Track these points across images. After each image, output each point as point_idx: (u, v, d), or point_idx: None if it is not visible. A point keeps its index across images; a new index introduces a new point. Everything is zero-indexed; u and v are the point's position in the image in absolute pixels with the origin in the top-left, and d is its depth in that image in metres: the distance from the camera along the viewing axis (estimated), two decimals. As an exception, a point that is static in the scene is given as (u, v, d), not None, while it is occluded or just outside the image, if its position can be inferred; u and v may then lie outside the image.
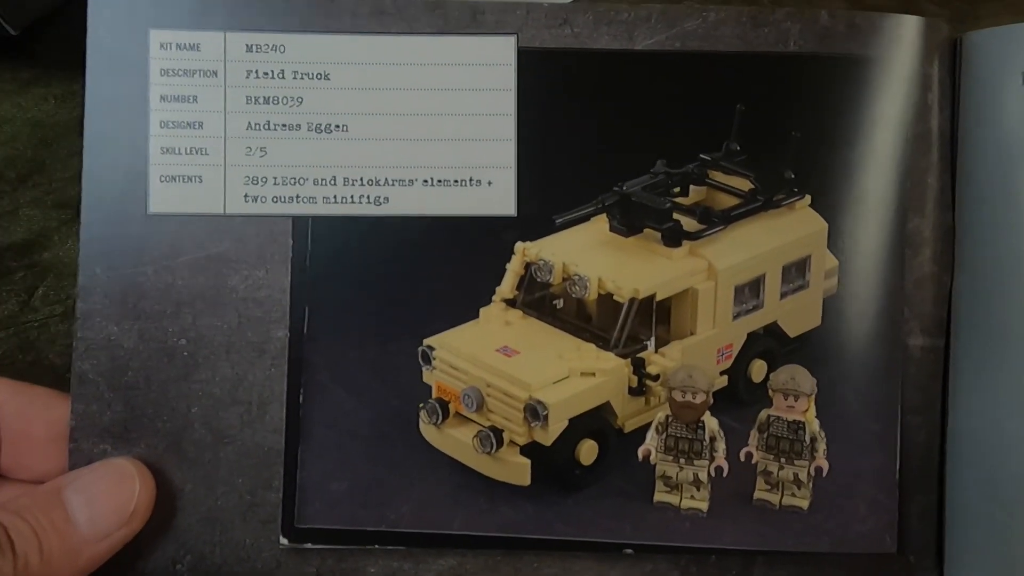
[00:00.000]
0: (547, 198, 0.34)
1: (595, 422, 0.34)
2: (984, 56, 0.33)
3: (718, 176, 0.36)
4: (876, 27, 0.33)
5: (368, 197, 0.34)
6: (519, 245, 0.35)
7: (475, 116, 0.34)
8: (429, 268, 0.34)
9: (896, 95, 0.33)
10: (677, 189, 0.36)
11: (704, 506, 0.33)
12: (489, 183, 0.34)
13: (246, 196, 0.34)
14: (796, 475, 0.33)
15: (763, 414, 0.33)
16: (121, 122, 0.33)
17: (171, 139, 0.34)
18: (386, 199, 0.34)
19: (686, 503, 0.33)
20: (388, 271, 0.34)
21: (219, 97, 0.33)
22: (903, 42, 0.33)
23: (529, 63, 0.33)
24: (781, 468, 0.33)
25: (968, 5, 0.37)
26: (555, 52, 0.33)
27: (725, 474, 0.33)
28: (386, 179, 0.34)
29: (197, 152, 0.34)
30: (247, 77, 0.34)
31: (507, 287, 0.35)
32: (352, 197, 0.34)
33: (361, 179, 0.34)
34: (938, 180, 0.34)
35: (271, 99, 0.34)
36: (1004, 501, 0.32)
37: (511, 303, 0.35)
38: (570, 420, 0.33)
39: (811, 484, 0.33)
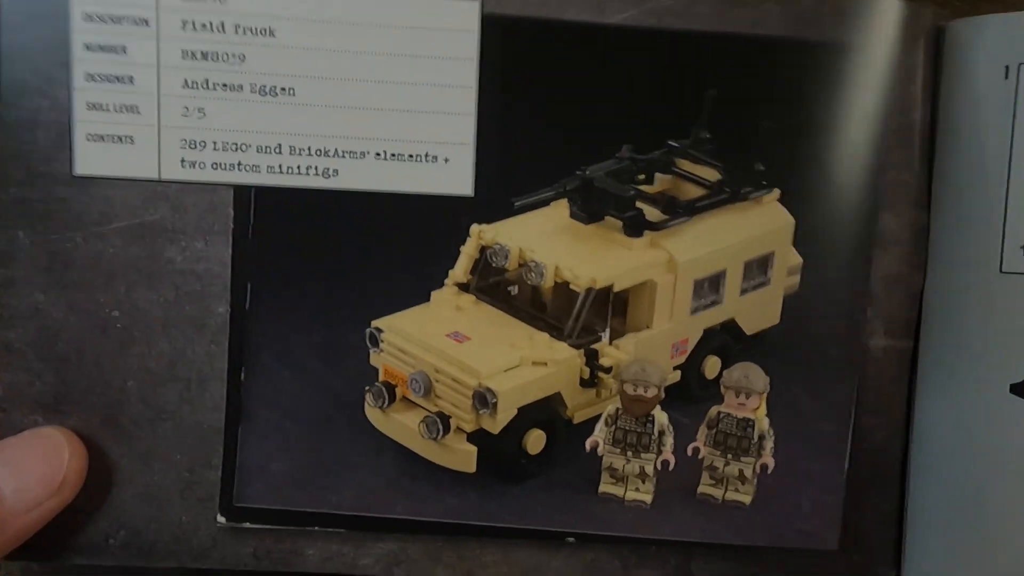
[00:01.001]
0: (506, 179, 0.28)
1: (544, 412, 0.28)
2: (966, 47, 0.28)
3: (685, 165, 0.30)
4: (858, 11, 0.27)
5: (316, 168, 0.27)
6: (475, 228, 0.28)
7: (433, 86, 0.27)
8: (379, 247, 0.28)
9: (877, 85, 0.28)
10: (642, 176, 0.29)
11: (648, 498, 0.28)
12: (446, 160, 0.27)
13: (183, 161, 0.27)
14: (741, 471, 0.28)
15: (713, 410, 0.28)
16: (41, 72, 0.26)
17: (98, 94, 0.26)
18: (335, 172, 0.27)
19: (630, 495, 0.28)
20: (335, 248, 0.27)
21: (151, 49, 0.26)
22: (885, 28, 0.28)
23: (493, 31, 0.26)
24: (727, 464, 0.28)
25: (968, 5, 0.30)
26: (521, 21, 0.26)
27: (671, 468, 0.28)
28: (336, 150, 0.27)
29: (128, 110, 0.26)
30: (183, 28, 0.26)
31: (460, 271, 0.29)
32: (299, 167, 0.27)
33: (308, 148, 0.27)
34: (916, 177, 0.29)
35: (210, 55, 0.26)
36: (965, 508, 0.28)
37: (464, 287, 0.29)
38: (519, 409, 0.28)
39: (755, 480, 0.28)
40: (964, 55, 0.28)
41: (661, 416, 0.28)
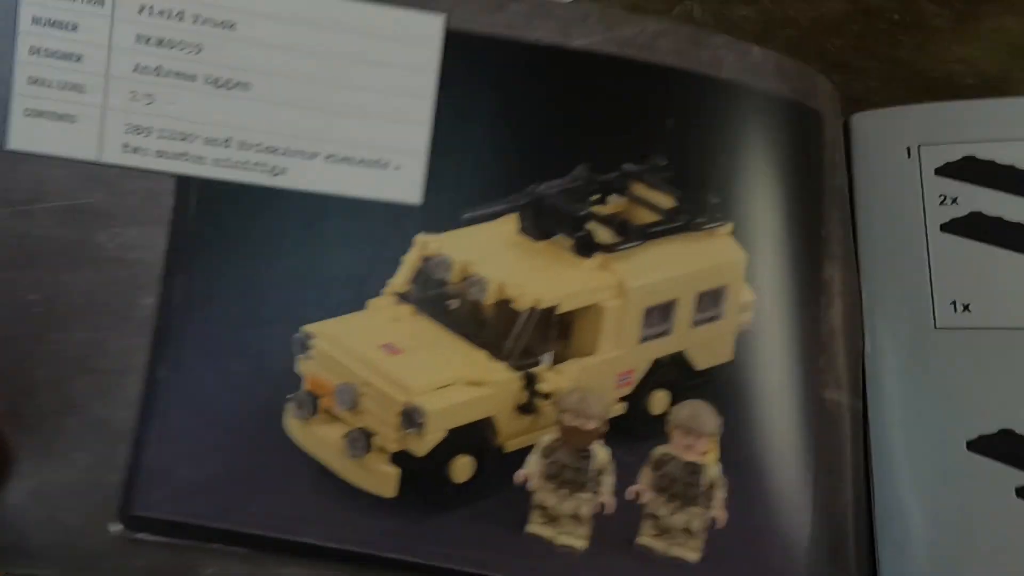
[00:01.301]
0: (457, 191, 0.26)
1: (475, 437, 0.26)
2: (870, 135, 0.30)
3: (640, 189, 0.28)
4: (793, 76, 0.28)
5: (264, 165, 0.25)
6: (420, 237, 0.26)
7: (390, 94, 0.26)
8: (320, 250, 0.25)
9: (809, 143, 0.28)
10: (596, 197, 0.27)
11: (581, 544, 0.25)
12: (396, 168, 0.26)
13: (126, 145, 0.25)
14: (688, 523, 0.25)
15: (657, 450, 0.26)
16: (-13, 43, 0.24)
17: (42, 69, 0.25)
18: (283, 170, 0.25)
19: (562, 538, 0.25)
20: (275, 247, 0.25)
21: (104, 29, 0.25)
22: (815, 99, 0.28)
23: (455, 46, 0.25)
24: (672, 513, 0.25)
25: (968, 6, 0.30)
26: (485, 38, 0.25)
27: (607, 512, 0.24)
28: (286, 148, 0.25)
29: (72, 88, 0.25)
30: (140, 12, 0.25)
31: (400, 280, 0.27)
32: (246, 163, 0.25)
33: (259, 144, 0.25)
34: (845, 238, 0.28)
35: (165, 42, 0.25)
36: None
37: (403, 298, 0.26)
38: (448, 431, 0.25)
39: (703, 535, 0.25)
40: (870, 141, 0.29)
41: (602, 452, 0.26)
